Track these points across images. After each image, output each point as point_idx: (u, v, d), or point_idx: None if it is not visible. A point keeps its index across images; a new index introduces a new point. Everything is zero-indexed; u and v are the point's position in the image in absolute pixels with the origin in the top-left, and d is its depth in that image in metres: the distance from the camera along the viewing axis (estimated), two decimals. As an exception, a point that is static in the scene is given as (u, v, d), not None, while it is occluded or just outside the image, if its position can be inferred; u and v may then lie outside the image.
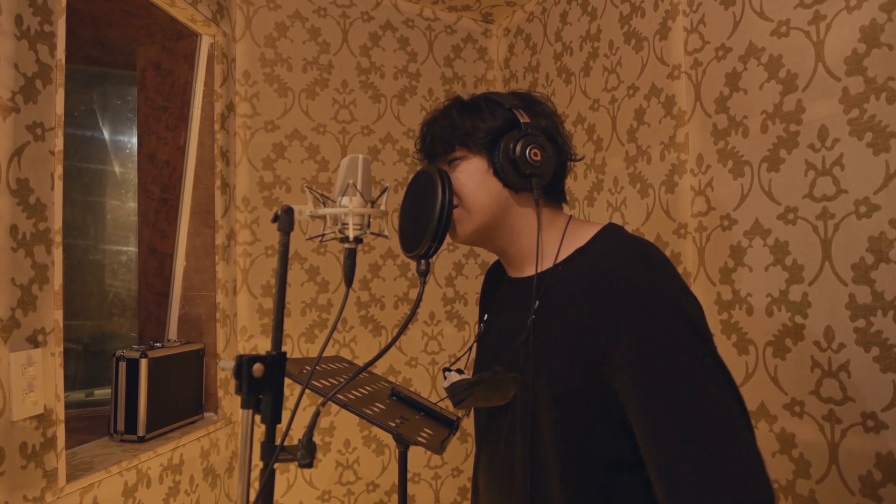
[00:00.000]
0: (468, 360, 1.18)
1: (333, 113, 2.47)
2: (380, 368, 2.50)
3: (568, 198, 1.14)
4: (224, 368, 0.96)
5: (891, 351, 1.28)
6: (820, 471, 1.43)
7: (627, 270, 0.91)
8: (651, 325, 0.88)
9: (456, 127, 1.04)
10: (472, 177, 1.03)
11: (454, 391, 1.08)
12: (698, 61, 1.77)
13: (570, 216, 1.09)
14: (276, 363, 0.92)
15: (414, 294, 2.57)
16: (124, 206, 2.47)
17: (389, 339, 2.50)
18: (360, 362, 2.16)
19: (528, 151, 1.00)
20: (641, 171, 1.98)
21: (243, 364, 0.90)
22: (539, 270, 1.03)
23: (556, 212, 1.08)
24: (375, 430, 2.48)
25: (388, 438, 2.49)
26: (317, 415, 0.92)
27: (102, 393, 2.30)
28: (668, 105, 1.88)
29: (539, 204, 1.03)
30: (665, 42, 1.89)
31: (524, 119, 1.02)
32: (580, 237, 1.03)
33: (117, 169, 2.47)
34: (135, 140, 2.37)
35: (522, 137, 1.00)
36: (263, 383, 0.91)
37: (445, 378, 1.10)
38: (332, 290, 2.43)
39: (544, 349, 0.98)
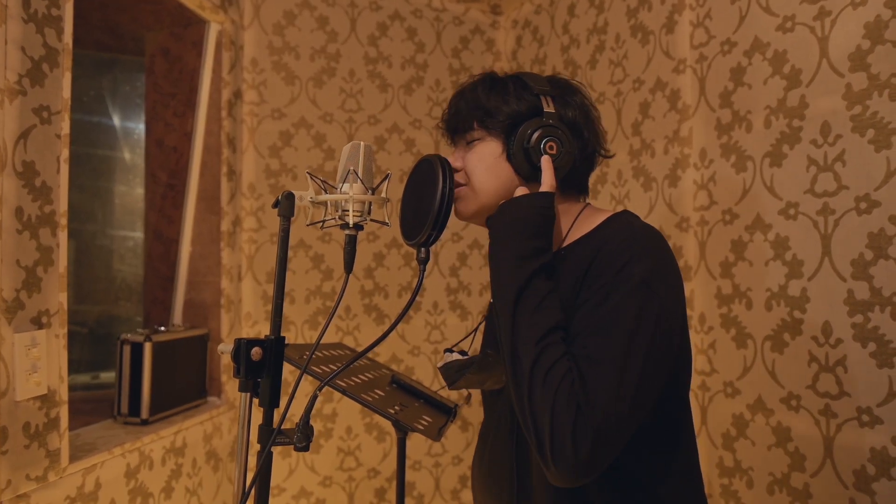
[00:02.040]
0: (472, 342, 1.18)
1: (340, 102, 2.48)
2: (382, 357, 2.52)
3: (585, 195, 1.11)
4: (223, 351, 0.98)
5: (887, 347, 1.29)
6: (815, 464, 1.43)
7: (608, 252, 0.92)
8: (603, 290, 0.90)
9: (479, 105, 1.03)
10: (485, 159, 1.03)
11: (447, 372, 1.09)
12: (703, 55, 1.77)
13: (588, 204, 1.08)
14: (275, 347, 0.93)
15: (417, 284, 2.58)
16: (132, 191, 2.49)
17: (392, 328, 2.51)
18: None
19: (543, 142, 0.98)
20: (645, 165, 1.98)
21: (242, 347, 0.91)
22: None
23: (571, 202, 1.07)
24: (377, 417, 2.50)
25: (389, 425, 2.51)
26: (313, 398, 0.93)
27: (108, 376, 2.32)
28: (672, 99, 1.88)
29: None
30: (671, 36, 1.89)
31: (548, 108, 1.00)
32: (589, 224, 1.03)
33: (126, 155, 2.49)
34: (143, 127, 2.39)
35: (541, 127, 0.99)
36: (262, 367, 0.92)
37: (444, 357, 1.11)
38: (336, 278, 2.44)
39: None
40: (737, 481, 1.65)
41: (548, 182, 0.97)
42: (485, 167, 1.03)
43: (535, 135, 0.98)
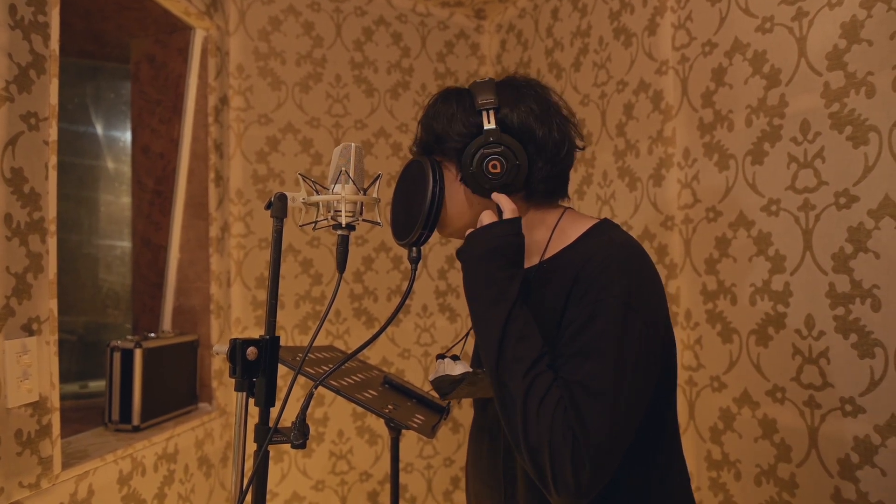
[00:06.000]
0: (464, 346, 1.19)
1: (327, 107, 2.49)
2: (373, 360, 2.52)
3: (562, 198, 1.09)
4: (217, 352, 0.99)
5: (868, 337, 1.32)
6: (800, 455, 1.46)
7: (588, 270, 0.92)
8: (586, 312, 0.90)
9: (432, 131, 1.04)
10: (445, 185, 1.03)
11: (439, 385, 1.10)
12: (685, 57, 1.80)
13: (567, 209, 1.07)
14: (270, 347, 0.94)
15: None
16: (118, 200, 2.48)
17: (382, 332, 2.52)
18: (353, 353, 2.18)
19: (485, 163, 0.96)
20: (630, 165, 2.01)
21: (237, 347, 0.92)
22: (526, 266, 1.04)
23: (546, 209, 1.05)
24: (369, 420, 2.51)
25: (381, 429, 2.52)
26: (310, 396, 0.94)
27: (97, 385, 2.31)
28: (655, 100, 1.91)
29: (502, 212, 1.00)
30: (653, 38, 1.92)
31: (489, 124, 0.98)
32: (570, 234, 1.02)
33: (111, 164, 2.48)
34: (128, 135, 2.38)
35: (480, 149, 0.97)
36: (257, 367, 0.93)
37: (437, 363, 1.12)
38: (325, 283, 2.45)
39: None
40: (725, 474, 1.68)
41: (508, 208, 0.97)
42: (445, 193, 1.03)
43: (476, 157, 0.97)
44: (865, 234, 1.32)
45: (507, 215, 0.98)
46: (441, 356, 1.13)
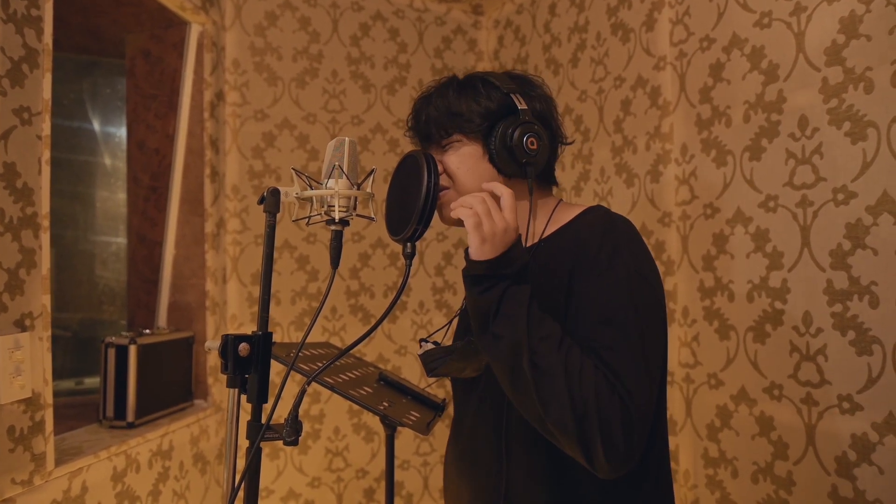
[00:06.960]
0: (447, 333, 1.19)
1: (323, 102, 2.48)
2: (370, 357, 2.52)
3: (555, 186, 1.15)
4: (210, 348, 0.98)
5: (866, 335, 1.31)
6: (797, 452, 1.46)
7: (593, 239, 0.95)
8: (600, 280, 0.92)
9: (452, 111, 1.04)
10: (466, 161, 1.04)
11: (428, 359, 1.10)
12: (683, 52, 1.79)
13: (560, 200, 1.11)
14: (263, 343, 0.93)
15: (403, 283, 2.58)
16: (113, 196, 2.47)
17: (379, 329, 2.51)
18: (349, 350, 2.17)
19: (525, 140, 1.00)
20: (627, 161, 2.00)
21: (229, 343, 0.91)
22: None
23: (546, 195, 1.11)
24: (365, 417, 2.50)
25: (377, 426, 2.51)
26: (302, 392, 0.93)
27: (92, 382, 2.30)
28: (653, 96, 1.90)
29: (532, 191, 1.04)
30: (651, 33, 1.91)
31: (522, 105, 1.01)
32: (564, 217, 1.06)
33: (107, 160, 2.47)
34: (124, 131, 2.37)
35: (520, 125, 1.00)
36: (249, 363, 0.92)
37: (421, 347, 1.12)
38: (321, 279, 2.44)
39: None
40: (722, 471, 1.67)
41: (507, 193, 0.96)
42: (467, 169, 1.04)
43: (517, 132, 1.00)
44: (864, 230, 1.32)
45: (505, 200, 0.95)
46: (424, 340, 1.14)
